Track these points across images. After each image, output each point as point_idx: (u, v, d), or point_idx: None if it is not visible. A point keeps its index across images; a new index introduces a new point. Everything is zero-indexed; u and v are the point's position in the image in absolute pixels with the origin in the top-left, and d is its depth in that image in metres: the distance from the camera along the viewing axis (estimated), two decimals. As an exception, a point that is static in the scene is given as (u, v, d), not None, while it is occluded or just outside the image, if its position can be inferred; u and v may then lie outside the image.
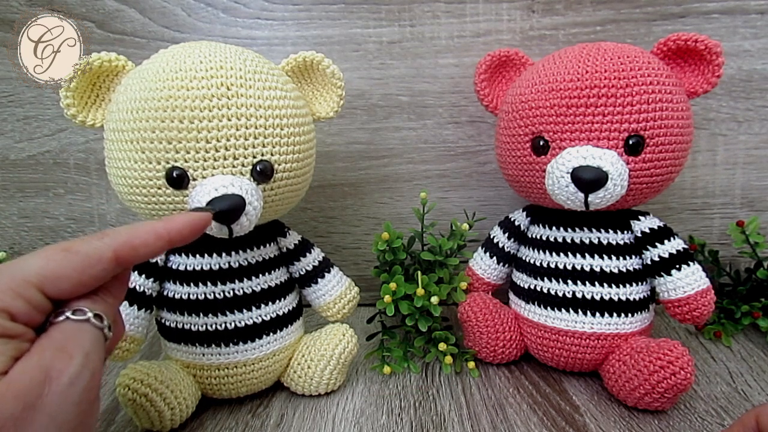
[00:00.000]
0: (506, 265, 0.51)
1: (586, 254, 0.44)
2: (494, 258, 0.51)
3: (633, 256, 0.44)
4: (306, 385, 0.44)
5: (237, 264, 0.41)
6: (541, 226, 0.47)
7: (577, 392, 0.45)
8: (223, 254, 0.41)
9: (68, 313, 0.25)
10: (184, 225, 0.29)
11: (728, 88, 0.58)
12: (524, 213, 0.50)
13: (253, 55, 0.39)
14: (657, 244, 0.44)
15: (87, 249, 0.26)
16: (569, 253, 0.45)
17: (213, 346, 0.41)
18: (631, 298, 0.44)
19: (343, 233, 0.64)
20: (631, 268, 0.44)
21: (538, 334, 0.46)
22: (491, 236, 0.52)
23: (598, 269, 0.44)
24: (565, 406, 0.43)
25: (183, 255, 0.41)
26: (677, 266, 0.43)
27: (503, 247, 0.51)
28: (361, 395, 0.45)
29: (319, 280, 0.47)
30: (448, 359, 0.48)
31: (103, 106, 0.40)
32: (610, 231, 0.44)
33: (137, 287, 0.41)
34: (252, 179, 0.37)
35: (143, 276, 0.41)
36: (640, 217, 0.45)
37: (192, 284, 0.41)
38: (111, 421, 0.42)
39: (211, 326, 0.41)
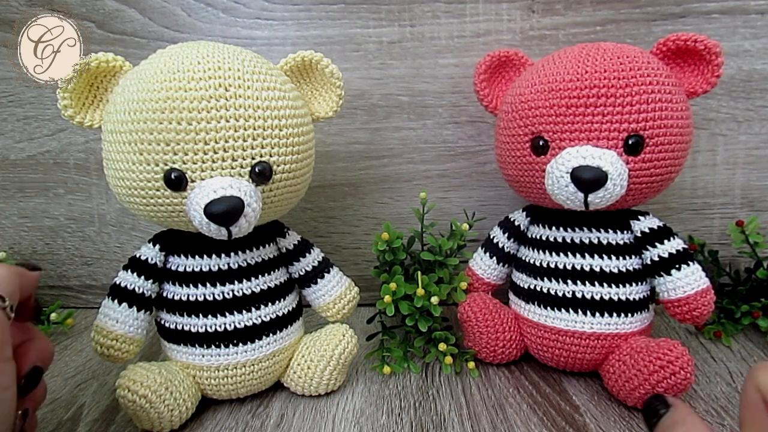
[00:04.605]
0: (506, 265, 0.51)
1: (586, 254, 0.44)
2: (494, 258, 0.51)
3: (633, 256, 0.44)
4: (306, 385, 0.44)
5: (236, 265, 0.41)
6: (540, 226, 0.47)
7: (577, 392, 0.45)
8: (223, 255, 0.41)
9: None
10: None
11: (728, 88, 0.58)
12: (524, 213, 0.50)
13: (251, 55, 0.39)
14: (657, 243, 0.44)
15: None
16: (569, 253, 0.45)
17: (213, 347, 0.41)
18: (631, 298, 0.44)
19: (343, 233, 0.64)
20: (630, 268, 0.44)
21: (538, 334, 0.46)
22: (491, 236, 0.52)
23: (597, 269, 0.44)
24: (565, 406, 0.43)
25: (182, 256, 0.41)
26: (677, 266, 0.43)
27: (503, 247, 0.50)
28: (361, 395, 0.45)
29: (318, 280, 0.47)
30: (448, 359, 0.48)
31: (101, 106, 0.39)
32: (610, 231, 0.44)
33: (136, 288, 0.41)
34: (251, 180, 0.37)
35: (142, 277, 0.41)
36: (639, 217, 0.45)
37: (191, 285, 0.41)
38: (111, 421, 0.42)
39: (211, 327, 0.41)
